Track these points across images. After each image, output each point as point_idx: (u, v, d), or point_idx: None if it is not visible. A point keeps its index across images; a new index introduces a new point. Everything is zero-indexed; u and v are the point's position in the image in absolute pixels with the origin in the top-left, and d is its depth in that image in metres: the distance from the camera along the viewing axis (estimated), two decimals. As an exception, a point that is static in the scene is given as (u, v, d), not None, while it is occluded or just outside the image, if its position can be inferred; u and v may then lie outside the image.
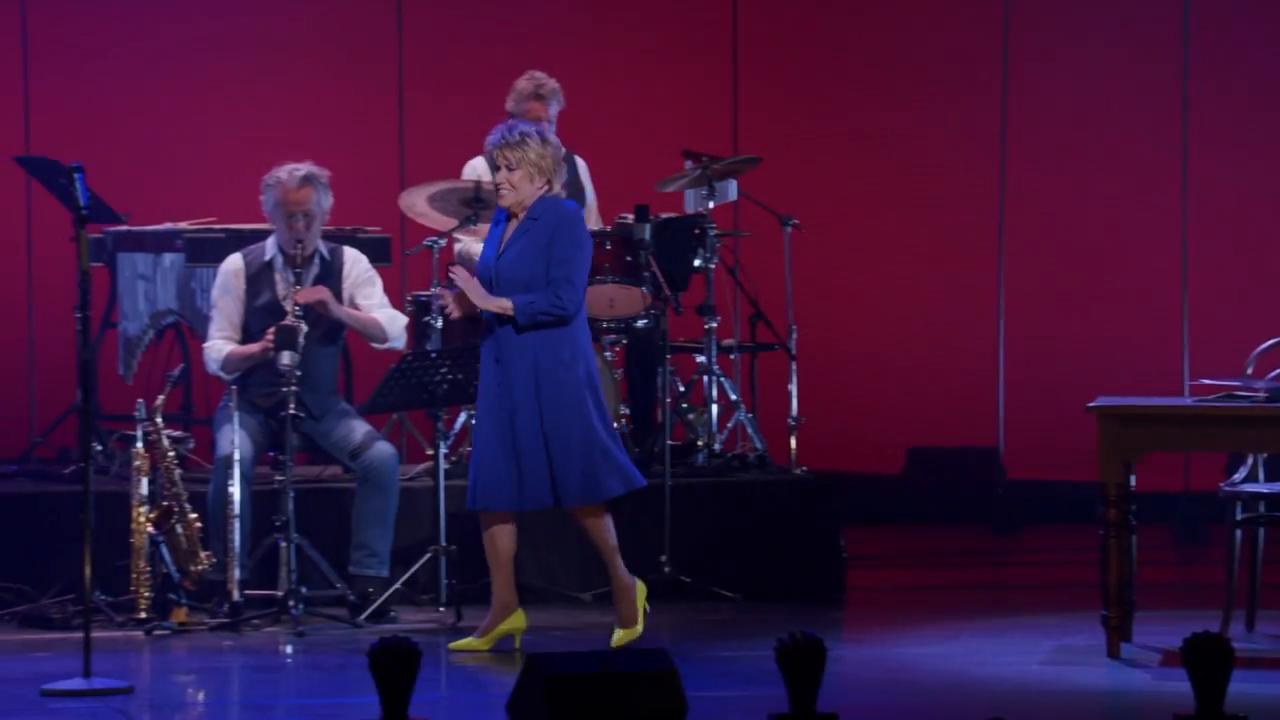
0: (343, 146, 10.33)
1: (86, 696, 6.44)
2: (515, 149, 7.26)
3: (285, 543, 7.78)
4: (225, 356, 8.05)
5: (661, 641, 7.37)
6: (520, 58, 9.53)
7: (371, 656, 4.64)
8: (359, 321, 8.10)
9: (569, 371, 7.24)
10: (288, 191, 8.01)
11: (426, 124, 10.61)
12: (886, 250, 11.10)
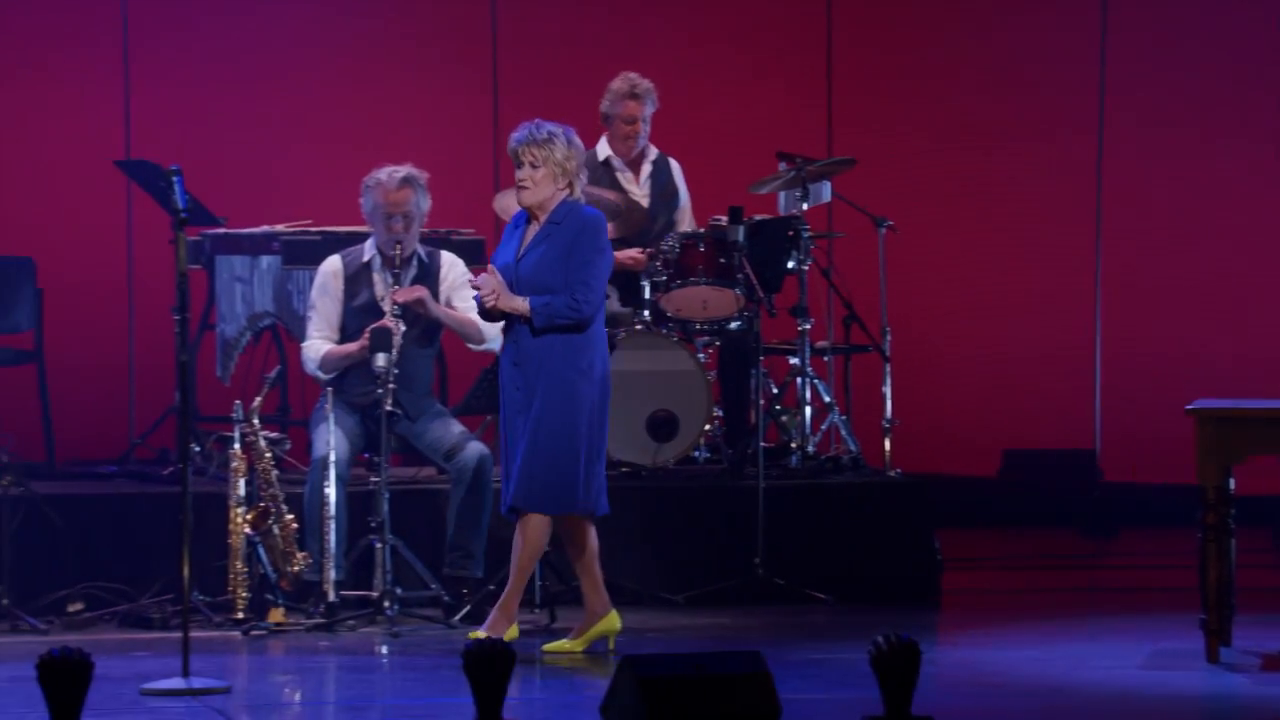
0: (437, 149, 10.37)
1: (185, 696, 6.49)
2: (541, 147, 7.20)
3: (380, 544, 7.82)
4: (323, 356, 8.11)
5: (755, 643, 7.35)
6: (614, 60, 9.55)
7: (466, 657, 4.65)
8: (456, 322, 8.13)
9: (585, 381, 7.16)
10: (387, 193, 8.05)
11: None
12: (982, 251, 11.04)
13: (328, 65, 10.54)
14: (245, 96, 10.46)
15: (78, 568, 8.16)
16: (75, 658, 4.53)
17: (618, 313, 9.05)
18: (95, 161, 10.03)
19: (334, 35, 10.61)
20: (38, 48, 10.25)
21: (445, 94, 10.65)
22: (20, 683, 6.63)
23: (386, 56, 10.63)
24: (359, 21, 10.65)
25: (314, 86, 10.53)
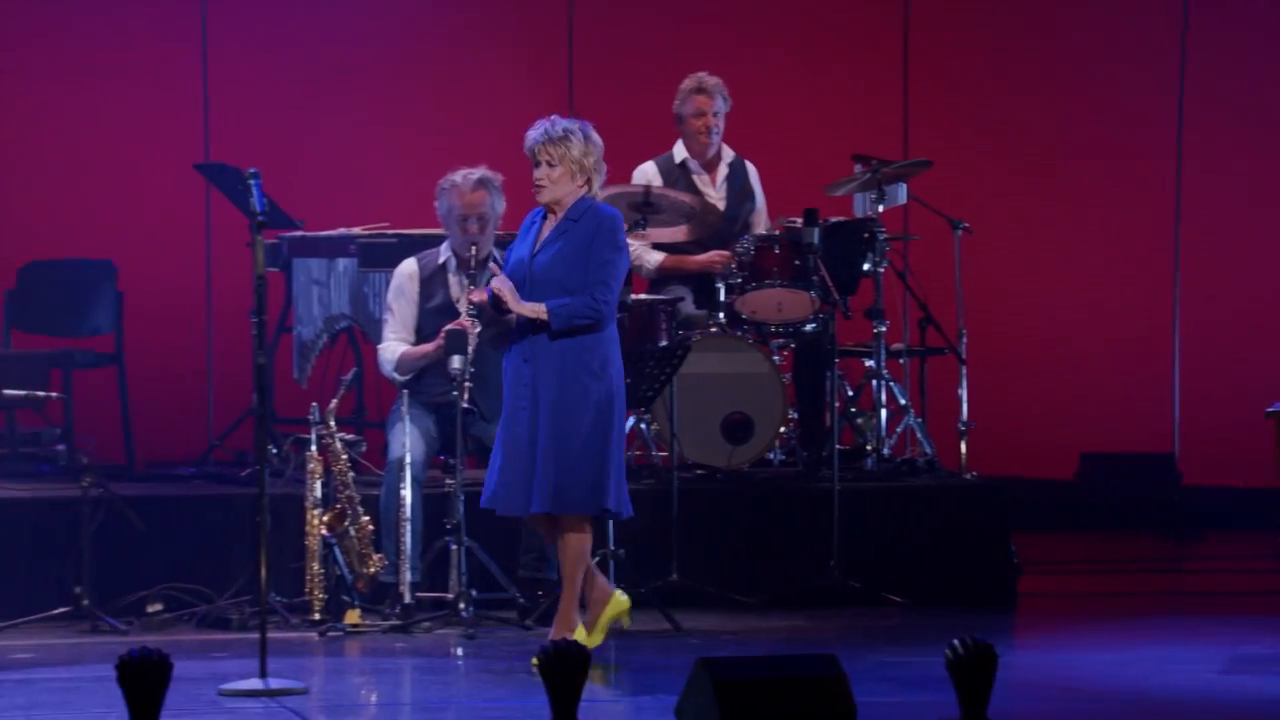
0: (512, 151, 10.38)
1: (262, 697, 6.52)
2: (557, 145, 7.11)
3: (456, 545, 7.84)
4: (399, 357, 8.13)
5: (830, 646, 7.34)
6: (690, 62, 9.54)
7: (541, 659, 4.66)
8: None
9: (596, 381, 7.06)
10: (462, 195, 8.08)
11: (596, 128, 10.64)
12: (1059, 253, 10.99)
13: (404, 68, 10.59)
14: (323, 100, 10.51)
15: (157, 569, 8.22)
16: (154, 658, 4.56)
17: (692, 315, 9.05)
18: (175, 165, 10.10)
19: (410, 38, 10.65)
20: (118, 52, 10.34)
21: (521, 96, 10.66)
22: (101, 683, 6.68)
23: (463, 59, 10.66)
24: (435, 24, 10.69)
25: (391, 90, 10.58)
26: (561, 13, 10.73)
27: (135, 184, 10.35)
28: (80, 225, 10.20)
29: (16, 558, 8.22)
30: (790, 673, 4.88)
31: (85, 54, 10.30)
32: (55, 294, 9.74)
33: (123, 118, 10.34)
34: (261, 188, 6.87)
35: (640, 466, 8.89)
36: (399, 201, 9.45)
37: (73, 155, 10.27)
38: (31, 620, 7.94)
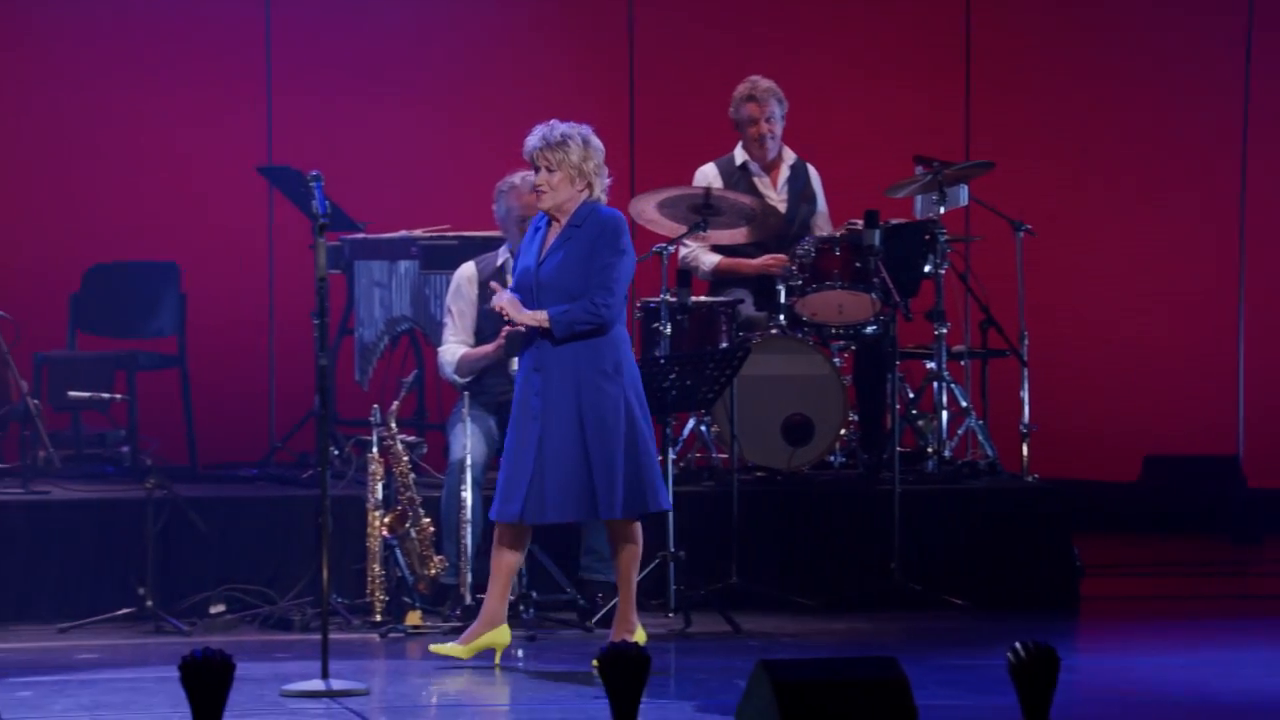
0: (574, 154, 10.41)
1: (324, 697, 6.55)
2: (556, 150, 7.05)
3: (516, 547, 7.84)
4: (459, 359, 8.15)
5: (891, 649, 7.32)
6: (751, 65, 9.54)
7: (600, 661, 4.66)
8: None
9: (612, 382, 7.01)
10: (520, 196, 8.09)
11: (657, 130, 10.66)
12: (1121, 255, 10.93)
13: (467, 72, 10.61)
14: (385, 103, 10.54)
15: (220, 570, 8.26)
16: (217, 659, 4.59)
17: (753, 317, 9.05)
18: (238, 167, 10.15)
19: (472, 40, 10.67)
20: (181, 55, 10.39)
21: (582, 99, 10.66)
22: (164, 683, 6.72)
23: (525, 62, 10.68)
24: (498, 28, 10.70)
25: (452, 93, 10.61)
26: (622, 15, 10.73)
27: (199, 187, 10.41)
28: (144, 228, 10.26)
29: (81, 559, 8.28)
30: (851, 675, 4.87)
31: (149, 58, 10.35)
32: (120, 296, 9.80)
33: (187, 121, 10.40)
34: (323, 190, 6.89)
35: (700, 468, 8.89)
36: (460, 204, 9.47)
37: (137, 158, 10.33)
38: (96, 621, 7.99)
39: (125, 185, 10.31)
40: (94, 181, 10.29)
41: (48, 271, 9.95)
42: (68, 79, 10.25)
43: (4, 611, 8.18)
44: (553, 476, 6.98)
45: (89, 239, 10.15)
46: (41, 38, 10.26)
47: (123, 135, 10.31)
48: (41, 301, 9.72)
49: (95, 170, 10.29)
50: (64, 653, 7.56)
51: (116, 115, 10.30)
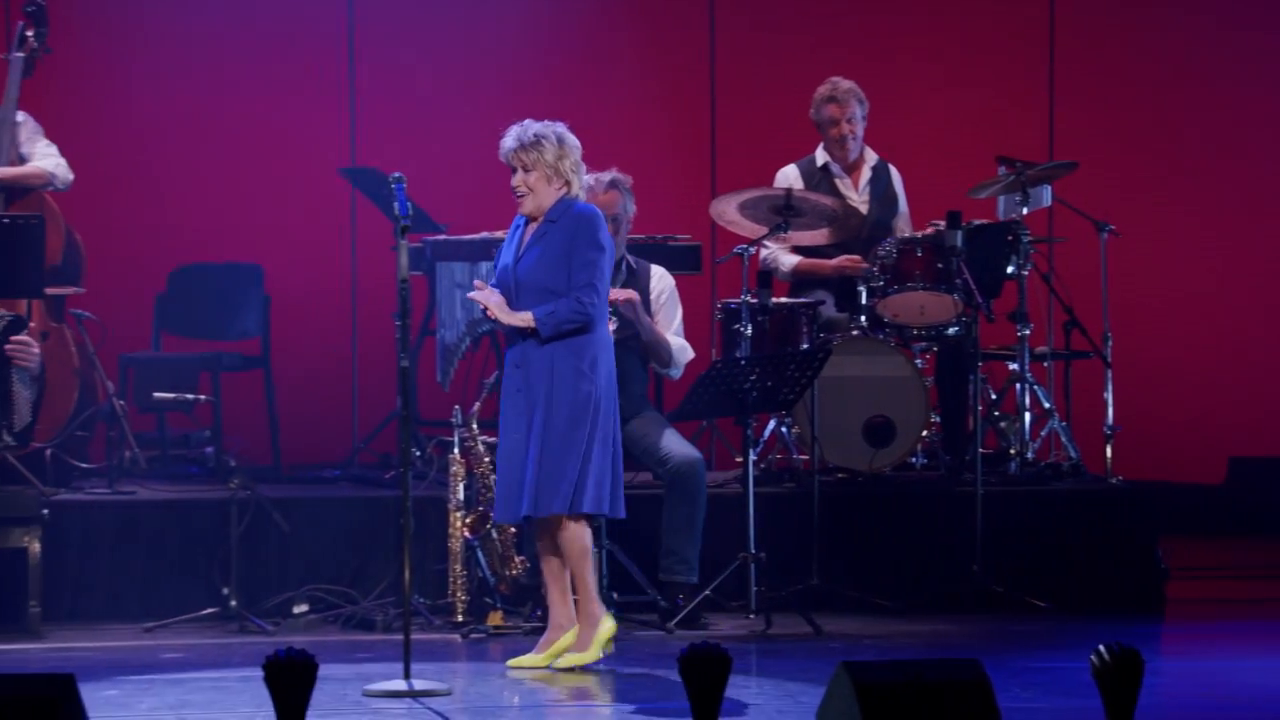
0: (655, 154, 10.42)
1: (406, 697, 6.57)
2: (530, 150, 7.04)
3: (597, 548, 7.85)
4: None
5: (973, 651, 7.28)
6: (833, 65, 9.52)
7: (681, 662, 4.66)
8: (653, 336, 8.15)
9: (587, 381, 6.98)
10: (594, 197, 8.10)
11: (738, 132, 10.65)
12: (1206, 254, 10.84)
13: (546, 72, 10.63)
14: (466, 104, 10.58)
15: (303, 570, 8.31)
16: (301, 659, 4.61)
17: (834, 318, 9.03)
18: (321, 169, 10.21)
19: (552, 42, 10.69)
20: (265, 58, 10.45)
21: (663, 100, 10.68)
22: (248, 682, 6.77)
23: (604, 63, 10.69)
24: (577, 29, 10.72)
25: (534, 93, 10.62)
26: (704, 16, 10.72)
27: (282, 188, 10.47)
28: (229, 229, 10.32)
29: (167, 559, 8.35)
30: (933, 677, 4.85)
31: (233, 61, 10.42)
32: (204, 298, 9.87)
33: (270, 123, 10.46)
34: (405, 192, 6.92)
35: (781, 470, 8.88)
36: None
37: (221, 161, 10.40)
38: (181, 620, 8.05)
39: (210, 187, 10.38)
40: (179, 184, 10.36)
41: (133, 273, 10.03)
42: (152, 83, 10.33)
43: (91, 611, 8.26)
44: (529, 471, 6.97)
45: (174, 241, 10.22)
46: (125, 42, 10.34)
47: (207, 138, 10.38)
48: (127, 303, 9.80)
49: (180, 172, 10.37)
50: (150, 652, 7.62)
51: (201, 118, 10.37)
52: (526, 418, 7.01)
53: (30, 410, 7.91)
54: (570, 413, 6.97)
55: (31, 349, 7.90)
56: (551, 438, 6.97)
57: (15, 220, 8.47)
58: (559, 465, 6.96)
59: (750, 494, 8.00)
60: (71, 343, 8.77)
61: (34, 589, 8.00)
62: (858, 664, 4.90)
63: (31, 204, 8.76)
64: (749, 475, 8.04)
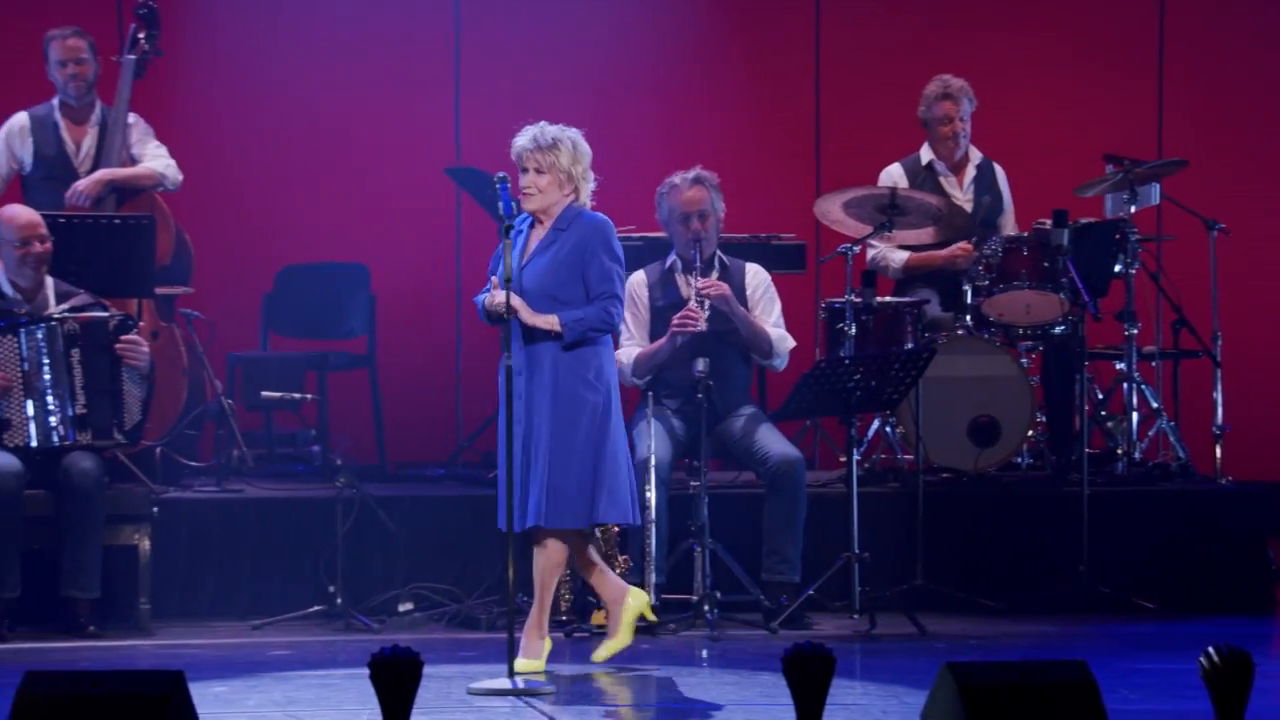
0: (759, 154, 10.42)
1: (510, 696, 6.60)
2: (546, 153, 6.95)
3: (700, 548, 7.86)
4: (634, 360, 8.19)
5: (1079, 652, 7.23)
6: (938, 63, 9.48)
7: (785, 662, 4.66)
8: (751, 329, 8.14)
9: (593, 391, 6.89)
10: (681, 194, 8.13)
11: (842, 131, 10.62)
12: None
13: (649, 72, 10.63)
14: (569, 104, 10.57)
15: (408, 568, 8.36)
16: (406, 657, 4.64)
17: (938, 318, 8.99)
18: (426, 169, 10.26)
19: (656, 43, 10.69)
20: (372, 59, 10.51)
21: (766, 99, 10.66)
22: (354, 680, 6.81)
23: (707, 63, 10.69)
24: (681, 29, 10.71)
25: (637, 94, 10.64)
26: (809, 15, 10.70)
27: (389, 189, 10.53)
28: (335, 230, 10.40)
29: (274, 556, 8.42)
30: (1038, 679, 4.82)
31: (343, 63, 10.49)
32: (311, 297, 9.95)
33: (377, 124, 10.52)
34: (509, 191, 6.95)
35: (885, 470, 8.85)
36: (644, 205, 9.49)
37: (329, 161, 10.47)
38: (288, 618, 8.12)
39: (316, 188, 10.45)
40: (287, 184, 10.44)
41: (242, 273, 10.12)
42: (262, 84, 10.41)
43: (200, 608, 8.34)
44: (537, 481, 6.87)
45: (282, 241, 10.30)
46: (235, 44, 10.43)
47: (313, 138, 10.45)
48: (235, 303, 9.89)
49: (288, 173, 10.45)
50: (257, 649, 7.69)
51: (308, 120, 10.44)
52: (525, 425, 6.87)
53: (140, 409, 8.00)
54: (578, 424, 6.87)
55: (141, 348, 7.99)
56: (560, 449, 6.87)
57: (126, 221, 8.58)
58: (570, 477, 6.88)
59: (854, 494, 7.98)
60: (180, 342, 8.87)
61: (144, 586, 8.09)
62: (962, 665, 4.88)
63: (142, 205, 8.86)
64: (853, 475, 8.01)
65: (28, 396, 7.85)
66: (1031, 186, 9.44)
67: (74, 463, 7.84)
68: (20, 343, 7.85)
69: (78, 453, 7.87)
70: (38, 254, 7.94)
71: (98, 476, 7.86)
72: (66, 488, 7.83)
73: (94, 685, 4.68)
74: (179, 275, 9.02)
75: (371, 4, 10.57)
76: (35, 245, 7.93)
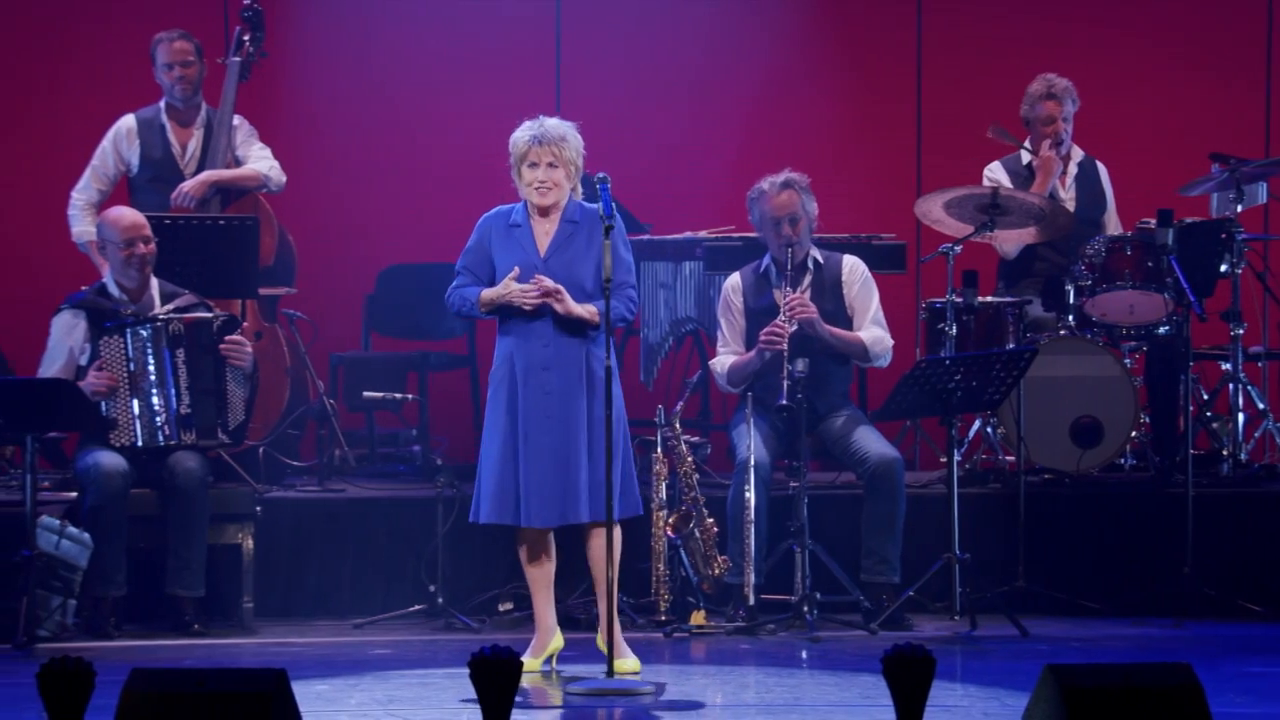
0: (859, 153, 10.38)
1: (609, 696, 6.60)
2: (558, 145, 6.89)
3: (799, 548, 7.84)
4: (729, 370, 8.18)
5: (1184, 655, 7.16)
6: (1040, 61, 9.41)
7: (885, 663, 4.64)
8: (842, 341, 8.12)
9: (616, 384, 6.82)
10: (771, 199, 8.12)
11: (943, 129, 10.57)
12: None
13: (747, 72, 10.62)
14: (670, 104, 10.60)
15: (507, 568, 8.37)
16: (506, 656, 4.66)
17: (1041, 318, 8.93)
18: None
19: (755, 43, 10.67)
20: (471, 59, 10.55)
21: (867, 98, 10.61)
22: (454, 679, 6.84)
23: (807, 62, 10.66)
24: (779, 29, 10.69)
25: (737, 93, 10.62)
26: (911, 14, 10.65)
27: (489, 189, 10.51)
28: (436, 230, 10.43)
29: (375, 556, 8.47)
30: (1142, 682, 4.78)
31: (445, 67, 10.53)
32: (412, 298, 10.00)
33: (478, 126, 10.54)
34: (610, 192, 6.96)
35: (986, 470, 8.80)
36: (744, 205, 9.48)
37: (430, 162, 10.52)
38: (389, 617, 8.16)
39: (418, 189, 10.50)
40: (388, 186, 10.50)
41: (344, 274, 10.18)
42: (363, 88, 10.48)
43: (302, 607, 8.40)
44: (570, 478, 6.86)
45: (383, 241, 10.36)
46: (338, 47, 10.50)
47: (416, 141, 10.51)
48: (337, 303, 9.96)
49: (390, 175, 10.50)
50: (358, 648, 7.73)
51: (411, 121, 10.49)
52: (559, 420, 6.85)
53: (244, 409, 8.07)
54: (613, 416, 6.81)
55: (245, 348, 8.06)
56: (601, 441, 6.81)
57: (231, 222, 8.66)
58: (616, 470, 6.83)
59: (954, 494, 7.94)
60: (283, 342, 8.93)
61: (247, 585, 8.16)
62: (1064, 667, 4.84)
63: (246, 206, 8.94)
64: (953, 476, 7.97)
65: (133, 396, 7.94)
66: (1136, 185, 9.36)
67: (179, 462, 7.92)
68: (126, 343, 7.93)
69: (182, 452, 7.94)
70: (142, 255, 8.01)
71: (202, 476, 7.93)
72: (171, 487, 7.90)
73: (198, 683, 4.73)
74: (282, 276, 9.08)
75: (472, 5, 10.61)
76: (140, 246, 8.01)
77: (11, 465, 8.84)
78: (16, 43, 10.26)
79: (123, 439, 7.93)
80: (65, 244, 9.11)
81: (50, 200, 9.26)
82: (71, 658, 4.68)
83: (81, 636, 7.78)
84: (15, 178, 10.13)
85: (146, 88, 9.10)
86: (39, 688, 4.69)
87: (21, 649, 7.47)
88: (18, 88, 10.25)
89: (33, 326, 8.79)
